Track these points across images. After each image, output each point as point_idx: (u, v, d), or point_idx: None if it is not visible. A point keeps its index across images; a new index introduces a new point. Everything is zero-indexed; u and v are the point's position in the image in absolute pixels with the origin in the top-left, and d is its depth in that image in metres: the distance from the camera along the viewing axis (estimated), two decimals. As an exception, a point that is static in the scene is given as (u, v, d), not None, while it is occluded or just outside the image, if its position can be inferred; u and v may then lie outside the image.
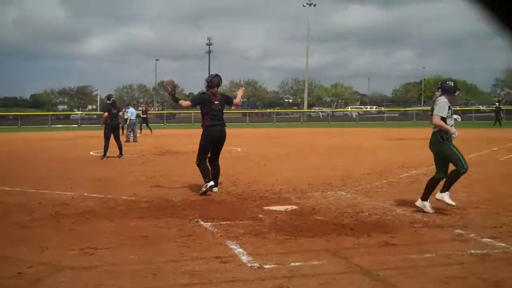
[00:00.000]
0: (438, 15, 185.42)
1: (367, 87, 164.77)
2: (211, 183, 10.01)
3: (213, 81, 10.44)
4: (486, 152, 18.62)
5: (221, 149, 10.47)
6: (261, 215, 7.95)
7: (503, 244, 6.15)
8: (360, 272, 5.25)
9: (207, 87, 10.47)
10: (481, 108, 72.94)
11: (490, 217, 7.71)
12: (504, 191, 10.01)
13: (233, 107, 13.46)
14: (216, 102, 10.31)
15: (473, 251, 5.88)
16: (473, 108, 73.01)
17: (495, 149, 19.86)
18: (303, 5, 78.11)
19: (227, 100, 10.78)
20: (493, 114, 45.74)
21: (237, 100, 11.17)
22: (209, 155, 10.40)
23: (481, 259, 5.62)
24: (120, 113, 21.07)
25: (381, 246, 6.18)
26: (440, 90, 8.39)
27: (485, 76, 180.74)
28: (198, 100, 10.67)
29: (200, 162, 10.28)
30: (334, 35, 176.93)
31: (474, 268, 5.27)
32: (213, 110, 10.27)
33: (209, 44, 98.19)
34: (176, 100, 10.56)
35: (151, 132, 33.36)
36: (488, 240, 6.39)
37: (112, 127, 17.63)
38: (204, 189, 9.93)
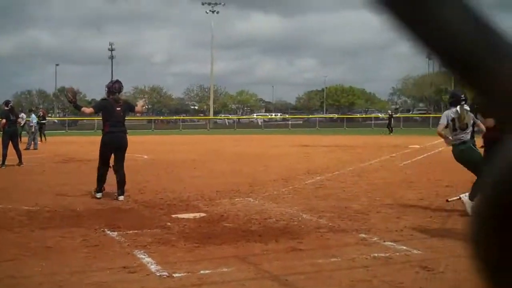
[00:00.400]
0: (337, 26, 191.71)
1: (272, 94, 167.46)
2: (100, 195, 10.19)
3: (114, 87, 10.43)
4: (386, 158, 19.39)
5: (123, 156, 10.38)
6: (169, 223, 7.88)
7: (404, 247, 6.43)
8: (268, 277, 5.32)
9: (108, 93, 10.42)
10: (380, 115, 75.89)
11: (391, 221, 8.04)
12: (404, 196, 10.46)
13: (137, 114, 13.37)
14: (118, 109, 10.29)
15: (376, 255, 6.11)
16: (373, 115, 75.87)
17: (394, 155, 20.71)
18: (206, 12, 78.62)
19: (129, 107, 10.87)
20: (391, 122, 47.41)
21: (139, 107, 11.22)
22: (112, 163, 10.30)
23: (384, 262, 5.85)
24: (19, 120, 20.26)
25: (289, 251, 6.30)
26: (463, 101, 8.65)
27: (383, 85, 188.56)
28: (100, 106, 10.69)
29: (99, 167, 10.37)
30: (238, 42, 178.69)
31: (377, 271, 5.48)
32: (115, 116, 10.25)
33: (111, 50, 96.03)
34: (78, 107, 10.58)
35: (45, 140, 32.13)
36: (390, 243, 6.65)
37: (10, 134, 16.92)
38: (93, 193, 10.29)
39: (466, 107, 8.54)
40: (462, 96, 8.59)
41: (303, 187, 11.85)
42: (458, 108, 8.56)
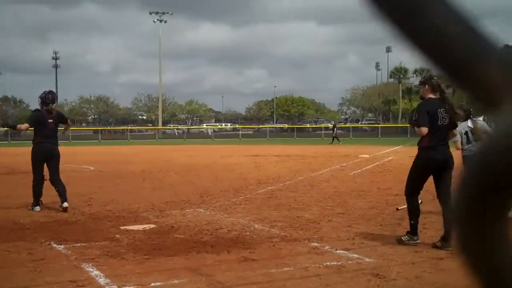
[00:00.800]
0: (287, 36, 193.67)
1: (222, 104, 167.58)
2: (38, 208, 10.02)
3: (48, 98, 10.37)
4: (336, 168, 19.56)
5: (57, 165, 10.30)
6: (118, 235, 7.70)
7: (356, 255, 6.45)
8: (221, 289, 5.24)
9: (41, 104, 10.34)
10: (330, 125, 76.72)
11: (343, 230, 8.07)
12: (355, 205, 10.54)
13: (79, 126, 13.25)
14: (50, 121, 10.25)
15: (328, 263, 6.11)
16: (323, 125, 76.63)
17: (344, 164, 20.92)
18: (154, 21, 78.34)
19: (61, 119, 10.77)
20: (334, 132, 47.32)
21: (69, 123, 11.24)
22: (48, 176, 10.21)
23: (336, 270, 5.84)
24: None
25: (241, 261, 6.23)
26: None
27: (332, 95, 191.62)
28: (35, 120, 10.53)
29: (34, 181, 10.29)
30: (187, 52, 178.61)
31: (330, 279, 5.46)
32: (47, 128, 10.22)
33: (56, 58, 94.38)
34: (13, 127, 11.00)
35: None
36: (342, 252, 6.67)
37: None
38: (30, 208, 10.05)
39: (479, 120, 8.80)
40: (471, 110, 8.85)
41: (254, 197, 11.81)
42: (469, 122, 8.86)
